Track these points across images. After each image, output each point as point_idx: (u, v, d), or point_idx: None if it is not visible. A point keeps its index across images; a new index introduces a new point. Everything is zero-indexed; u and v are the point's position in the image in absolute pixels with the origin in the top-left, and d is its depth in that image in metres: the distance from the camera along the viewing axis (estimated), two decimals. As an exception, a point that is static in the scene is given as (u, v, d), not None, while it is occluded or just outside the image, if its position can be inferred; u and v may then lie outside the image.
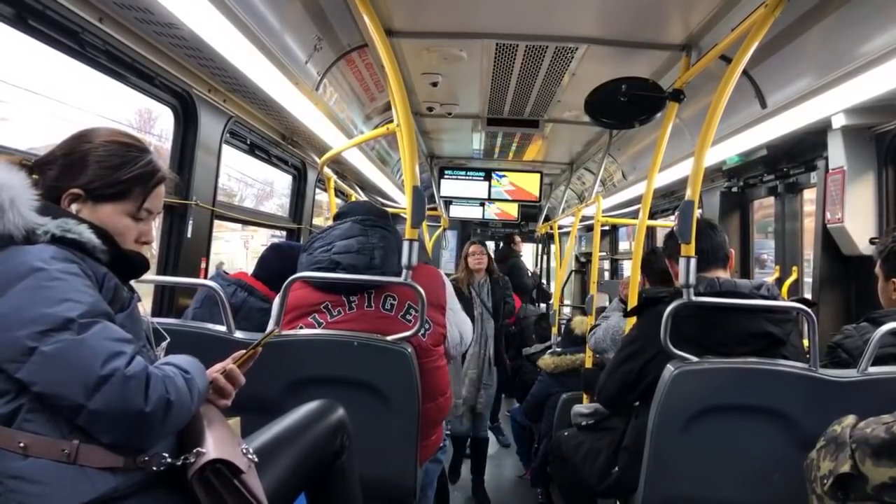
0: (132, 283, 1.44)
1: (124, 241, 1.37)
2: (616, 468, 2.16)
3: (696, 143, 2.12)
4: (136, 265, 1.41)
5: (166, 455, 1.25)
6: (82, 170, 1.33)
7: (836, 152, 2.82)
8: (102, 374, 1.13)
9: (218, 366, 1.47)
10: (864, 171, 2.77)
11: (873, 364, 1.91)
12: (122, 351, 1.17)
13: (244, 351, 1.51)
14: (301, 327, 2.09)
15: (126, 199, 1.36)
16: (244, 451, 1.34)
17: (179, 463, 1.26)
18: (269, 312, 2.17)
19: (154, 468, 1.24)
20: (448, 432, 2.61)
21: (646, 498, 1.99)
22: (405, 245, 2.06)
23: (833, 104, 2.52)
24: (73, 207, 1.33)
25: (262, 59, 2.38)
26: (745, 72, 2.35)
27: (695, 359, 1.95)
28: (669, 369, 1.94)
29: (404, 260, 2.05)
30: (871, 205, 2.77)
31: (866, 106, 2.50)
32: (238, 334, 2.03)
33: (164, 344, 1.49)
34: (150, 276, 2.22)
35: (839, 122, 2.66)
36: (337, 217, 2.27)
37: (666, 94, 2.58)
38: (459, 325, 2.32)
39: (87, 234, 1.28)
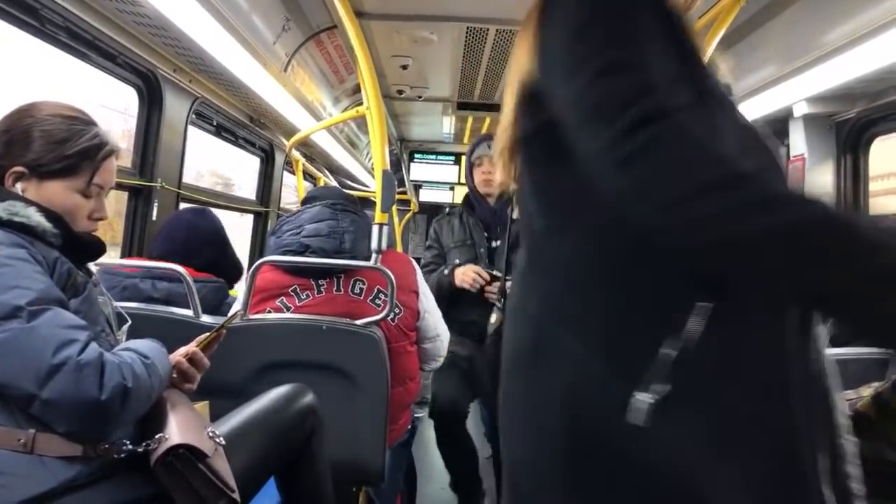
0: (91, 266, 1.41)
1: (75, 220, 1.33)
2: None
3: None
4: (91, 248, 1.37)
5: (127, 442, 1.23)
6: (26, 146, 1.28)
7: (798, 140, 2.88)
8: (54, 363, 1.10)
9: (182, 349, 1.45)
10: (824, 159, 2.84)
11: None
12: (74, 338, 1.14)
13: (208, 334, 1.50)
14: (269, 310, 2.08)
15: (74, 175, 1.32)
16: (210, 434, 1.33)
17: (141, 450, 1.23)
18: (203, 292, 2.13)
19: (115, 456, 1.22)
20: (416, 415, 2.62)
21: None
22: (375, 229, 2.06)
23: (795, 93, 2.58)
24: (18, 186, 1.28)
25: (228, 40, 2.34)
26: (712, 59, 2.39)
27: None
28: None
29: (374, 244, 2.05)
30: (830, 192, 2.85)
31: (827, 95, 2.56)
32: (205, 318, 2.02)
33: (125, 327, 1.46)
34: (114, 259, 2.19)
35: (801, 110, 2.72)
36: (306, 201, 2.25)
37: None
38: (437, 323, 2.31)
39: (36, 218, 1.24)
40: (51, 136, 1.30)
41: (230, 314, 1.67)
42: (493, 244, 2.76)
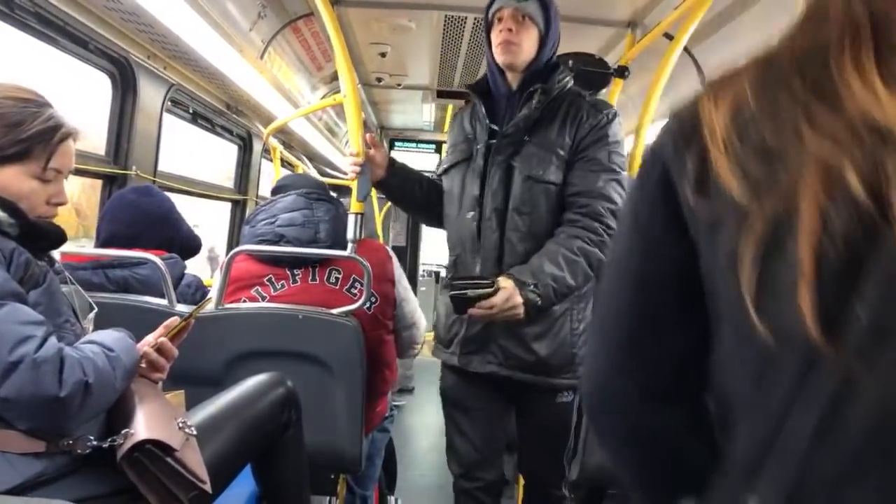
0: (55, 254, 1.38)
1: (34, 206, 1.28)
2: None
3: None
4: (49, 236, 1.34)
5: (92, 438, 1.22)
6: None
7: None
8: (11, 361, 1.09)
9: (149, 338, 1.43)
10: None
11: None
12: (31, 335, 1.12)
13: (178, 318, 1.48)
14: (244, 300, 2.07)
15: (28, 160, 1.26)
16: (181, 424, 1.31)
17: (106, 445, 1.22)
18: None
19: (80, 451, 1.20)
20: (396, 403, 2.63)
21: (583, 462, 2.06)
22: (351, 218, 2.05)
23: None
24: None
25: (203, 26, 2.32)
26: (686, 50, 2.40)
27: None
28: None
29: (350, 234, 2.05)
30: None
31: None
32: (180, 307, 2.01)
33: (90, 315, 1.43)
34: (89, 249, 2.17)
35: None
36: (277, 190, 2.23)
37: (611, 70, 2.62)
38: (414, 311, 2.31)
39: None
40: (3, 120, 1.25)
41: (200, 303, 1.66)
42: (493, 141, 1.89)
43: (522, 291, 1.67)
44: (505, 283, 1.68)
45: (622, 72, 2.56)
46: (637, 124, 2.15)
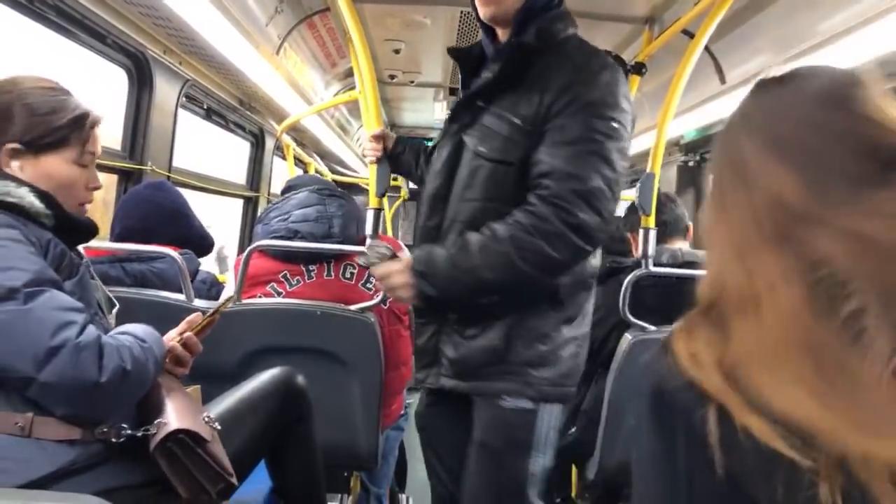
0: (81, 248, 1.39)
1: (77, 192, 1.33)
2: (574, 428, 2.19)
3: (656, 116, 2.14)
4: (83, 229, 1.35)
5: (126, 426, 1.22)
6: (9, 121, 1.26)
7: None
8: (52, 346, 1.09)
9: (174, 332, 1.44)
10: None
11: None
12: (72, 320, 1.13)
13: (200, 314, 1.49)
14: (260, 296, 2.07)
15: (67, 146, 1.31)
16: (206, 419, 1.32)
17: (140, 434, 1.23)
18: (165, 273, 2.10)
19: (114, 440, 1.21)
20: (408, 401, 2.62)
21: (602, 463, 2.05)
22: (370, 214, 2.04)
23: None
24: (15, 164, 1.27)
25: (220, 20, 2.31)
26: (705, 46, 2.38)
27: (653, 328, 1.99)
28: (627, 338, 1.99)
29: (369, 229, 2.04)
30: None
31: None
32: (198, 303, 2.00)
33: (114, 311, 1.44)
34: (107, 243, 2.17)
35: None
36: (287, 190, 2.23)
37: (628, 67, 2.59)
38: None
39: (29, 198, 1.22)
40: (36, 109, 1.28)
41: (223, 299, 1.66)
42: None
43: (415, 279, 1.40)
44: (405, 258, 1.44)
45: (639, 68, 2.53)
46: (658, 121, 2.12)
